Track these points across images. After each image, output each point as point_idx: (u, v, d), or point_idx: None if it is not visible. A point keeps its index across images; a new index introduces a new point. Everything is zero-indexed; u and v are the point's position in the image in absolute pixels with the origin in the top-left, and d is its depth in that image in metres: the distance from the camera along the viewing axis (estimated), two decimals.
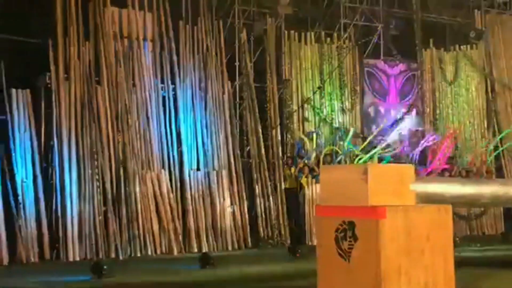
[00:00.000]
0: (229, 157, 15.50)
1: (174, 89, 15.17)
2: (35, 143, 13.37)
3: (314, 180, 15.65)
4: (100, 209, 13.47)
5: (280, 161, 16.23)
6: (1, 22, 13.38)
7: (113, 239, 13.45)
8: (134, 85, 14.59)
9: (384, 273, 4.98)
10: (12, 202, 12.88)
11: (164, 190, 14.37)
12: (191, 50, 15.50)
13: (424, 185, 5.72)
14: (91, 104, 13.87)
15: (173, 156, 14.76)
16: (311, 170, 16.14)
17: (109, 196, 13.65)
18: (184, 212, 14.56)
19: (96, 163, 13.63)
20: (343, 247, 5.24)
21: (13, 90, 13.34)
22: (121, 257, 13.24)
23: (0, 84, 13.35)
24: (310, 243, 14.84)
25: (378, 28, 19.26)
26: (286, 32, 17.88)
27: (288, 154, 17.14)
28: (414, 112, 19.52)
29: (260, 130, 16.15)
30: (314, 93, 18.08)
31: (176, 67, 15.21)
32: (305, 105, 18.02)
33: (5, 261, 12.41)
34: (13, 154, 13.11)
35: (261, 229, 15.52)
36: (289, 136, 17.38)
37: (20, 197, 12.93)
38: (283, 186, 16.01)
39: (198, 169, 15.05)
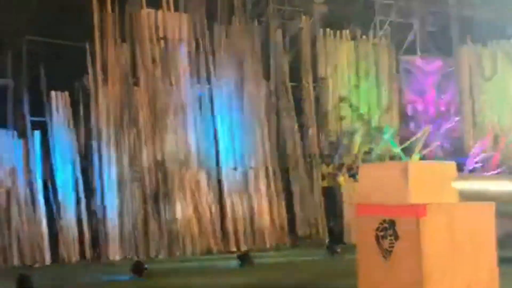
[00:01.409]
0: (265, 156, 15.51)
1: (210, 89, 15.24)
2: (75, 144, 13.58)
3: (352, 179, 15.56)
4: (139, 208, 13.62)
5: (317, 160, 16.17)
6: (41, 26, 13.61)
7: (152, 239, 13.58)
8: (171, 85, 14.70)
9: (426, 272, 4.92)
10: (53, 203, 13.10)
11: (202, 189, 14.46)
12: (226, 50, 15.56)
13: (466, 182, 5.64)
14: (129, 105, 14.02)
15: (211, 156, 14.83)
16: (349, 168, 16.05)
17: (149, 196, 13.79)
18: (222, 211, 14.62)
19: (135, 163, 13.78)
20: (383, 246, 5.19)
21: (53, 93, 13.57)
22: (160, 257, 13.37)
23: (40, 87, 13.60)
24: (348, 242, 14.76)
25: (414, 24, 19.05)
26: (321, 30, 17.80)
27: (325, 153, 17.07)
28: (453, 112, 19.20)
29: (296, 129, 16.12)
30: (350, 91, 17.96)
31: (212, 67, 15.28)
32: (341, 104, 17.90)
33: (47, 261, 12.64)
34: (54, 156, 13.34)
35: (299, 228, 15.50)
36: (325, 134, 17.29)
37: (61, 198, 13.14)
38: (320, 185, 15.95)
39: (235, 168, 15.10)
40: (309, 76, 16.81)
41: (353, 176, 15.47)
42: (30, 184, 12.92)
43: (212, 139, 14.97)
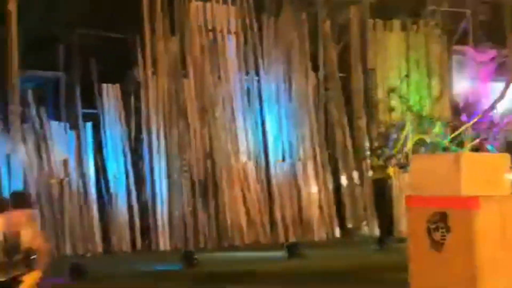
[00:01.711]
0: (314, 148, 15.46)
1: (259, 81, 15.25)
2: (126, 136, 13.78)
3: (402, 170, 15.37)
4: (189, 200, 13.76)
5: (367, 151, 16.03)
6: (91, 19, 13.82)
7: (201, 230, 13.70)
8: (219, 77, 14.76)
9: (478, 265, 4.83)
10: (105, 194, 13.34)
11: (251, 181, 14.50)
12: (274, 41, 15.53)
13: None
14: (178, 97, 14.15)
15: (259, 148, 14.86)
16: (399, 160, 15.86)
17: (197, 187, 13.91)
18: (271, 202, 14.64)
19: (184, 155, 13.91)
20: (435, 238, 5.10)
21: (104, 85, 13.79)
22: (209, 247, 13.48)
23: (91, 79, 13.84)
24: (398, 234, 14.59)
25: (466, 13, 18.65)
26: (370, 20, 17.58)
27: (375, 144, 16.89)
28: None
29: (345, 121, 16.01)
30: (400, 82, 17.72)
31: (260, 59, 15.28)
32: (391, 94, 17.67)
33: (100, 250, 12.88)
34: (105, 147, 13.56)
35: (348, 220, 15.41)
36: (375, 126, 17.11)
37: (112, 189, 13.36)
38: (370, 177, 15.81)
39: (283, 160, 15.09)
40: (358, 67, 16.65)
41: (403, 167, 15.27)
42: (82, 175, 13.17)
43: (260, 130, 14.99)
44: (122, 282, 8.73)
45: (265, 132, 15.00)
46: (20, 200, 3.18)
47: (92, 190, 13.14)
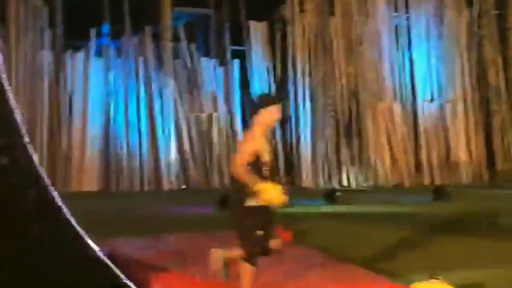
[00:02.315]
0: (465, 88, 14.83)
1: (408, 18, 14.74)
2: (272, 73, 13.92)
3: None
4: (332, 139, 13.76)
5: None
6: None
7: (345, 168, 13.71)
8: (366, 15, 14.42)
9: None
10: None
11: (396, 121, 14.22)
12: None
13: None
14: (324, 35, 14.01)
15: (406, 87, 14.49)
16: None
17: (341, 126, 13.86)
18: (417, 143, 14.32)
19: (329, 93, 13.86)
20: None
21: (251, 22, 13.93)
22: (353, 186, 13.49)
23: (240, 17, 14.01)
24: None
25: None
26: None
27: None
28: None
29: (499, 60, 15.16)
30: None
31: None
32: None
33: None
34: (251, 84, 13.79)
35: (498, 163, 14.77)
36: None
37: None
38: None
39: (431, 100, 14.63)
40: None
41: None
42: (229, 111, 13.53)
43: (408, 70, 14.57)
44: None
45: (413, 71, 14.55)
46: (266, 100, 3.35)
47: (239, 125, 13.48)
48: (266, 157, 3.36)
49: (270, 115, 3.38)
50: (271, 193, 3.23)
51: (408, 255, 5.75)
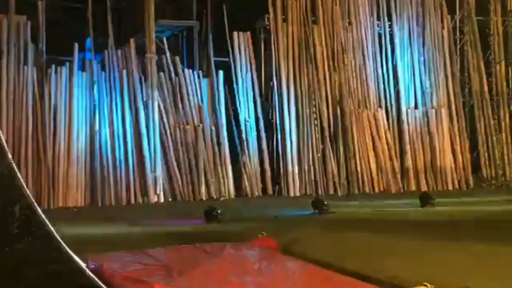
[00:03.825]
0: (449, 95, 14.95)
1: (391, 26, 14.84)
2: (256, 83, 13.95)
3: None
4: (318, 146, 13.80)
5: (505, 98, 15.28)
6: None
7: (331, 176, 13.73)
8: (349, 23, 14.52)
9: None
10: (237, 140, 13.65)
11: (381, 128, 14.30)
12: None
13: None
14: (308, 44, 14.08)
15: (390, 95, 14.57)
16: None
17: (327, 134, 13.90)
18: (402, 151, 14.39)
19: (313, 102, 13.90)
20: None
21: (235, 33, 13.96)
22: (339, 194, 13.51)
23: (223, 28, 14.05)
24: None
25: None
26: None
27: None
28: None
29: (482, 66, 15.30)
30: None
31: (392, 2, 14.83)
32: None
33: (232, 194, 13.26)
34: (236, 95, 13.81)
35: (484, 169, 14.87)
36: None
37: (243, 135, 13.65)
38: (508, 124, 15.10)
39: (416, 107, 14.71)
40: (498, 9, 15.76)
41: None
42: (215, 122, 13.52)
43: (392, 77, 14.65)
44: (254, 225, 8.94)
45: (397, 78, 14.64)
46: None
47: (225, 136, 13.47)
48: None
49: None
50: None
51: (398, 261, 5.76)
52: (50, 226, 3.23)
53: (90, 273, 3.23)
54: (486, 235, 7.33)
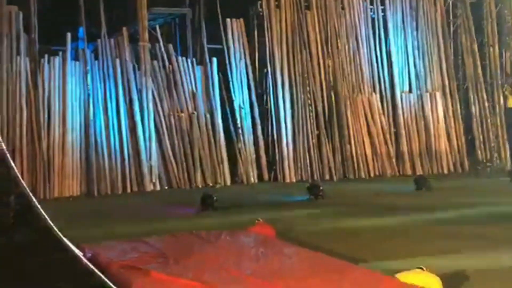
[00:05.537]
0: (443, 78, 14.95)
1: (384, 10, 14.81)
2: (250, 69, 13.91)
3: None
4: (313, 132, 13.80)
5: (499, 80, 15.29)
6: None
7: (326, 162, 13.75)
8: (343, 8, 14.48)
9: None
10: (232, 127, 13.63)
11: (376, 113, 14.30)
12: None
13: None
14: (301, 30, 14.04)
15: (384, 79, 14.56)
16: None
17: (321, 119, 13.90)
18: (397, 135, 14.41)
19: (308, 87, 13.89)
20: None
21: (228, 20, 13.90)
22: (335, 179, 13.54)
23: (216, 15, 13.99)
24: None
25: None
26: None
27: (509, 72, 16.06)
28: None
29: (476, 49, 15.29)
30: None
31: None
32: None
33: (228, 181, 13.27)
34: (231, 82, 13.78)
35: (478, 152, 14.92)
36: (509, 53, 16.21)
37: (238, 122, 13.62)
38: (502, 106, 15.13)
39: (410, 91, 14.72)
40: None
41: None
42: (210, 109, 13.50)
43: (386, 61, 14.64)
44: (250, 211, 8.96)
45: (391, 63, 14.63)
46: None
47: (219, 123, 13.45)
48: None
49: None
50: None
51: (393, 244, 5.80)
52: (45, 215, 3.24)
53: (87, 262, 3.24)
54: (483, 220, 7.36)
